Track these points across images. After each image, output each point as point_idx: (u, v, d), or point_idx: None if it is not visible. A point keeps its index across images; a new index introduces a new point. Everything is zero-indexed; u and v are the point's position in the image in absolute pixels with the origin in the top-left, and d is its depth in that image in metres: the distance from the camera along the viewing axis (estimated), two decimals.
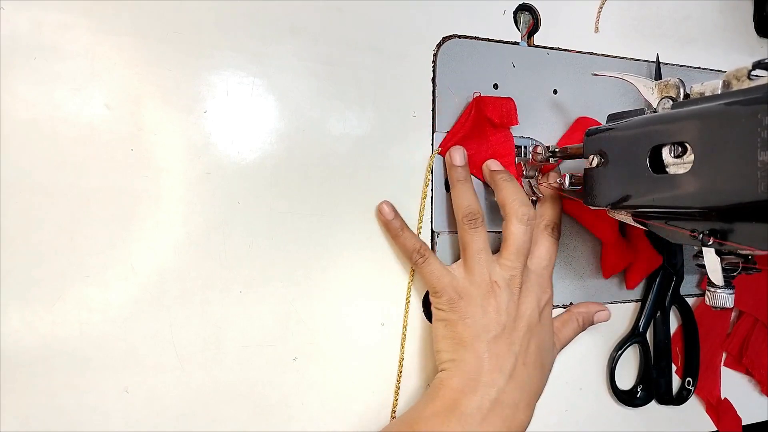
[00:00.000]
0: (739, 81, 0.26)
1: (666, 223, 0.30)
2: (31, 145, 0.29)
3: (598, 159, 0.32)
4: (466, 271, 0.35)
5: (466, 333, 0.34)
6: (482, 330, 0.34)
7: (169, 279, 0.32)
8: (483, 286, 0.34)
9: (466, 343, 0.34)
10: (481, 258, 0.35)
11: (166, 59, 0.32)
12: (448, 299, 0.34)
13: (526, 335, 0.34)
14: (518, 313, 0.35)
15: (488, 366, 0.33)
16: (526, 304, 0.35)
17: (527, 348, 0.34)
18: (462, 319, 0.34)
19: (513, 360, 0.33)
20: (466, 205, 0.35)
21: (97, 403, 0.31)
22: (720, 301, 0.30)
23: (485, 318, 0.34)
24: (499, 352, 0.33)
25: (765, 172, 0.22)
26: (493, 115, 0.37)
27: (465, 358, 0.33)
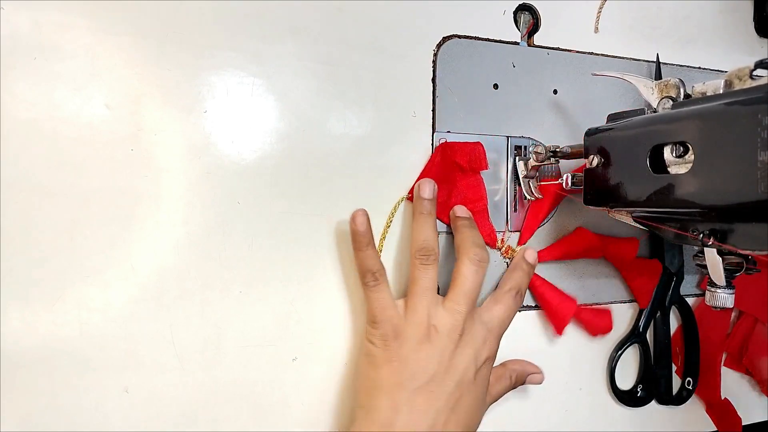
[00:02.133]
0: (741, 81, 0.26)
1: (666, 224, 0.30)
2: (31, 145, 0.29)
3: (598, 159, 0.32)
4: (408, 309, 0.33)
5: (388, 378, 0.31)
6: (407, 377, 0.31)
7: (169, 279, 0.32)
8: (420, 329, 0.32)
9: (384, 389, 0.31)
10: (426, 297, 0.33)
11: (166, 59, 0.32)
12: (382, 335, 0.32)
13: (455, 392, 0.31)
14: (451, 365, 0.31)
15: (403, 420, 0.30)
16: (462, 356, 0.32)
17: (454, 406, 0.31)
18: (388, 362, 0.31)
19: (433, 417, 0.30)
20: (422, 239, 0.34)
21: (97, 403, 0.31)
22: (720, 301, 0.30)
23: (413, 365, 0.31)
24: (420, 406, 0.30)
25: (765, 172, 0.22)
26: (462, 160, 0.37)
27: (379, 407, 0.31)
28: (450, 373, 0.31)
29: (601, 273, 0.44)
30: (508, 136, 0.40)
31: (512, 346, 0.41)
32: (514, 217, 0.40)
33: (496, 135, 0.40)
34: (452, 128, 0.39)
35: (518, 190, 0.40)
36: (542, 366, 0.42)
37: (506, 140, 0.40)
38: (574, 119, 0.42)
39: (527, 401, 0.42)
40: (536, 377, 0.39)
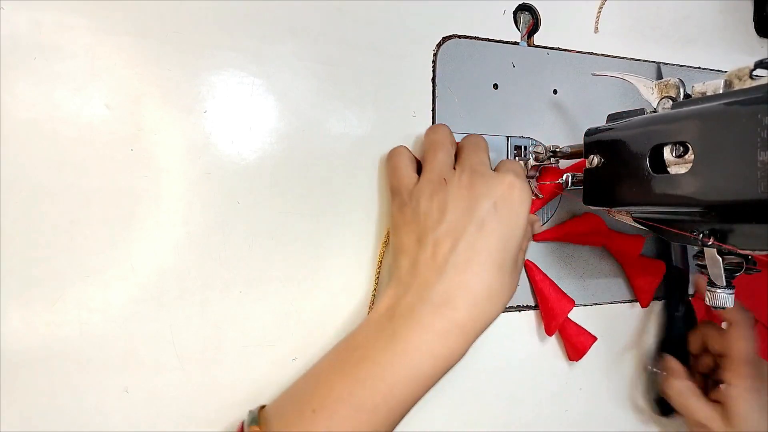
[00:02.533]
0: (741, 81, 0.26)
1: (666, 224, 0.30)
2: (31, 145, 0.29)
3: (598, 159, 0.32)
4: (423, 169, 0.33)
5: (407, 240, 0.32)
6: (422, 232, 0.31)
7: (169, 279, 0.32)
8: (431, 184, 0.32)
9: (404, 248, 0.32)
10: (439, 151, 0.33)
11: (166, 59, 0.32)
12: (399, 202, 0.33)
13: (474, 233, 0.30)
14: (468, 207, 0.30)
15: (422, 267, 0.30)
16: (477, 200, 0.30)
17: (473, 246, 0.29)
18: (405, 224, 0.32)
19: (452, 258, 0.29)
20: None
21: (97, 403, 0.31)
22: (720, 301, 0.30)
23: (425, 218, 0.31)
24: (437, 251, 0.30)
25: (765, 172, 0.22)
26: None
27: (400, 265, 0.32)
28: (465, 216, 0.30)
29: (601, 273, 0.44)
30: (508, 136, 0.40)
31: (511, 345, 0.41)
32: None
33: (496, 135, 0.40)
34: (452, 128, 0.38)
35: None
36: (542, 367, 0.42)
37: (506, 140, 0.40)
38: (574, 119, 0.42)
39: (527, 401, 0.42)
40: (537, 226, 0.40)
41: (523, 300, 0.41)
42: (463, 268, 0.29)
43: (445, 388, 0.39)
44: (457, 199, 0.31)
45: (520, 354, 0.41)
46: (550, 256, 0.42)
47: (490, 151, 0.39)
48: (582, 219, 0.41)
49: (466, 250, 0.29)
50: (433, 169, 0.33)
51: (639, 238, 0.42)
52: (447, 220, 0.30)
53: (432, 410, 0.39)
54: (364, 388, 0.27)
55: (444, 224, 0.30)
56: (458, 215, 0.30)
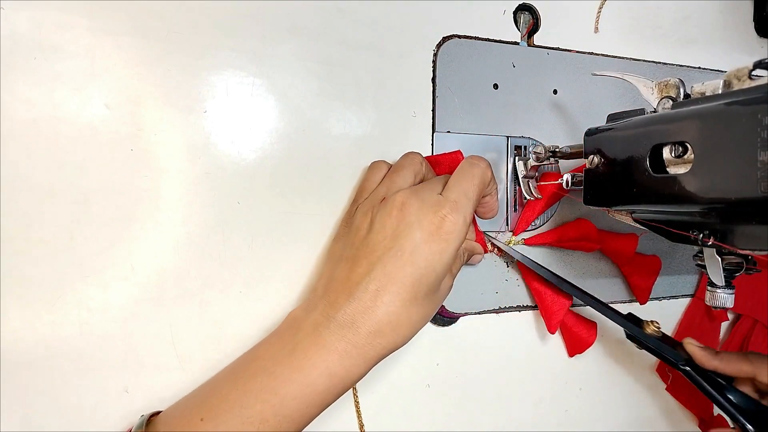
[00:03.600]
0: (740, 81, 0.26)
1: (666, 224, 0.30)
2: (31, 145, 0.29)
3: (598, 159, 0.32)
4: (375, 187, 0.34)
5: (333, 248, 0.33)
6: (346, 246, 0.31)
7: (169, 279, 0.32)
8: (374, 201, 0.32)
9: (329, 258, 0.32)
10: (396, 174, 0.33)
11: (166, 59, 0.32)
12: (347, 213, 0.34)
13: (392, 260, 0.29)
14: (392, 233, 0.29)
15: (336, 284, 0.30)
16: (406, 225, 0.29)
17: (387, 274, 0.29)
18: (339, 235, 0.33)
19: (365, 282, 0.29)
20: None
21: (97, 403, 0.31)
22: (720, 300, 0.30)
23: (354, 234, 0.31)
24: (352, 271, 0.29)
25: (765, 172, 0.22)
26: (443, 172, 0.36)
27: (321, 275, 0.32)
28: (391, 240, 0.29)
29: (601, 273, 0.44)
30: (508, 136, 0.40)
31: (511, 345, 0.41)
32: (514, 216, 0.40)
33: (496, 135, 0.40)
34: (452, 128, 0.39)
35: (518, 190, 0.40)
36: (542, 366, 0.42)
37: (506, 140, 0.40)
38: (574, 119, 0.42)
39: (527, 401, 0.42)
40: (477, 258, 0.38)
41: (522, 300, 0.41)
42: (373, 295, 0.28)
43: (446, 388, 0.39)
44: (385, 221, 0.30)
45: (520, 354, 0.41)
46: (549, 257, 0.42)
47: (490, 152, 0.40)
48: (573, 225, 0.41)
49: (379, 277, 0.28)
50: (380, 187, 0.33)
51: (633, 236, 0.42)
52: (370, 241, 0.30)
53: (432, 410, 0.39)
54: (256, 400, 0.27)
55: (366, 245, 0.30)
56: (381, 238, 0.29)
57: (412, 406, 0.38)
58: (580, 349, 0.41)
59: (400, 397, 0.38)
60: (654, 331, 0.37)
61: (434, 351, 0.39)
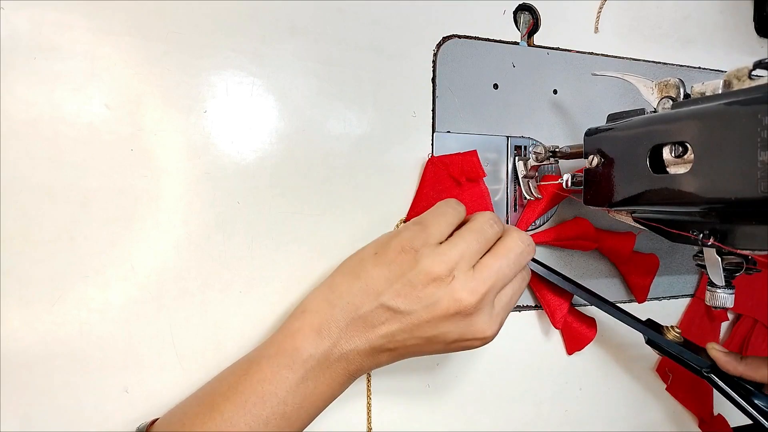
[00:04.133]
0: (740, 81, 0.26)
1: (666, 224, 0.30)
2: (31, 145, 0.29)
3: (598, 159, 0.32)
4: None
5: (372, 272, 0.31)
6: (381, 279, 0.30)
7: (169, 279, 0.32)
8: (401, 250, 0.30)
9: (362, 279, 0.31)
10: (440, 216, 0.32)
11: (166, 59, 0.32)
12: (390, 238, 0.32)
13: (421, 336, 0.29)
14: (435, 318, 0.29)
15: (358, 323, 0.30)
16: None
17: (403, 343, 0.30)
18: (376, 260, 0.31)
19: (386, 342, 0.29)
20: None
21: (97, 403, 0.31)
22: (720, 300, 0.30)
23: (392, 273, 0.30)
24: (376, 326, 0.29)
25: (765, 172, 0.22)
26: (455, 172, 0.36)
27: (351, 290, 0.31)
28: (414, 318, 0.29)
29: (601, 273, 0.44)
30: (508, 136, 0.40)
31: (510, 345, 0.41)
32: (514, 216, 0.40)
33: (496, 135, 0.40)
34: (452, 128, 0.39)
35: (518, 190, 0.40)
36: (542, 366, 0.42)
37: (506, 140, 0.40)
38: (574, 119, 0.42)
39: (527, 401, 0.42)
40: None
41: (522, 300, 0.41)
42: (389, 355, 0.30)
43: (446, 388, 0.39)
44: (433, 308, 0.29)
45: (520, 354, 0.41)
46: (549, 258, 0.42)
47: (490, 152, 0.40)
48: (570, 224, 0.41)
49: (401, 342, 0.30)
50: (447, 248, 0.30)
51: (630, 235, 0.42)
52: (410, 305, 0.29)
53: (432, 410, 0.39)
54: (267, 425, 0.28)
55: (407, 306, 0.29)
56: (424, 314, 0.29)
57: (412, 406, 0.38)
58: (579, 345, 0.41)
59: (400, 397, 0.38)
60: (675, 336, 0.36)
61: None
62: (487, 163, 0.40)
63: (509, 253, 0.30)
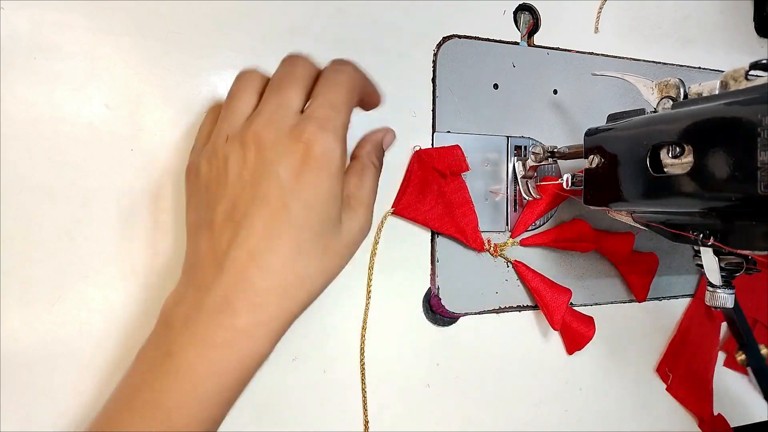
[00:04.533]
0: (737, 82, 0.26)
1: (666, 224, 0.30)
2: (31, 145, 0.29)
3: (598, 159, 0.32)
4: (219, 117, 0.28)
5: (190, 215, 0.27)
6: (202, 208, 0.26)
7: (169, 279, 0.32)
8: (219, 140, 0.26)
9: (189, 229, 0.27)
10: (243, 92, 0.28)
11: (166, 59, 0.32)
12: (193, 157, 0.29)
13: (257, 215, 0.24)
14: (250, 180, 0.24)
15: (202, 260, 0.25)
16: (265, 167, 0.24)
17: (256, 233, 0.24)
18: (191, 193, 0.27)
19: (232, 251, 0.24)
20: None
21: (97, 404, 0.31)
22: (720, 300, 0.30)
23: (206, 191, 0.26)
24: (216, 240, 0.24)
25: (765, 172, 0.22)
26: (441, 166, 0.36)
27: (187, 252, 0.27)
28: (251, 189, 0.25)
29: (600, 273, 0.44)
30: (508, 136, 0.40)
31: (511, 345, 0.41)
32: (514, 217, 0.40)
33: (496, 135, 0.40)
34: (452, 128, 0.39)
35: (518, 191, 0.40)
36: (542, 366, 0.42)
37: (506, 140, 0.40)
38: (574, 119, 0.42)
39: (527, 401, 0.42)
40: (389, 136, 0.33)
41: (522, 300, 0.41)
42: (246, 263, 0.23)
43: (446, 388, 0.39)
44: (239, 168, 0.24)
45: (520, 354, 0.41)
46: (549, 258, 0.42)
47: (490, 152, 0.40)
48: (568, 225, 0.41)
49: (249, 237, 0.24)
50: (225, 118, 0.26)
51: (629, 235, 0.42)
52: (227, 196, 0.24)
53: (432, 410, 0.39)
54: (142, 418, 0.23)
55: (221, 203, 0.24)
56: (239, 190, 0.24)
57: (412, 406, 0.38)
58: (579, 345, 0.41)
59: (400, 397, 0.38)
60: None
61: (434, 351, 0.39)
62: (487, 164, 0.40)
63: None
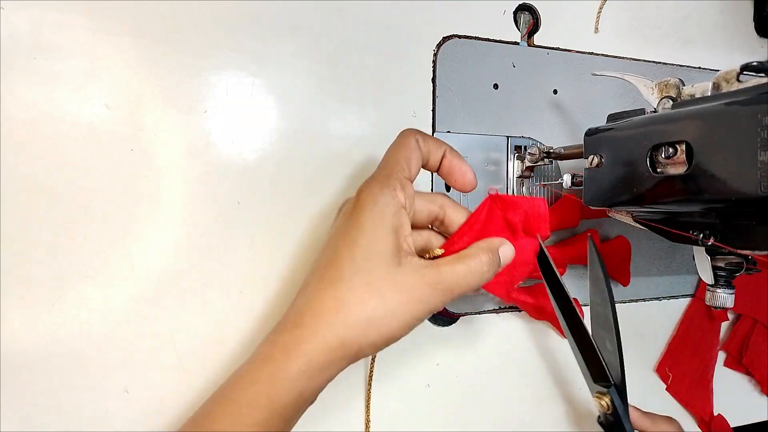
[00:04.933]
0: (729, 83, 0.26)
1: (666, 224, 0.30)
2: (31, 145, 0.29)
3: (598, 159, 0.32)
4: None
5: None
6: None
7: (169, 279, 0.32)
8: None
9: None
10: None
11: (166, 59, 0.32)
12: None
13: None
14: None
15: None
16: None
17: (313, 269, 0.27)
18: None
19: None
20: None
21: (97, 403, 0.31)
22: (720, 300, 0.30)
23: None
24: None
25: (765, 172, 0.22)
26: (515, 219, 0.30)
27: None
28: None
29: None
30: (508, 136, 0.40)
31: (511, 345, 0.41)
32: None
33: (496, 135, 0.40)
34: (452, 128, 0.39)
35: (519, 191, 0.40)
36: (542, 366, 0.42)
37: (506, 140, 0.40)
38: (574, 119, 0.42)
39: (527, 401, 0.42)
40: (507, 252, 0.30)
41: None
42: (330, 285, 0.26)
43: (446, 388, 0.39)
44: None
45: (520, 354, 0.41)
46: None
47: (492, 152, 0.40)
48: (574, 245, 0.40)
49: (313, 270, 0.27)
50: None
51: (587, 234, 0.41)
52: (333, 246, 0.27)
53: (432, 410, 0.39)
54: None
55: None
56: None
57: (412, 406, 0.38)
58: (543, 316, 0.40)
59: (400, 397, 0.38)
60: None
61: (434, 351, 0.39)
62: (487, 163, 0.40)
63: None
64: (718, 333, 0.48)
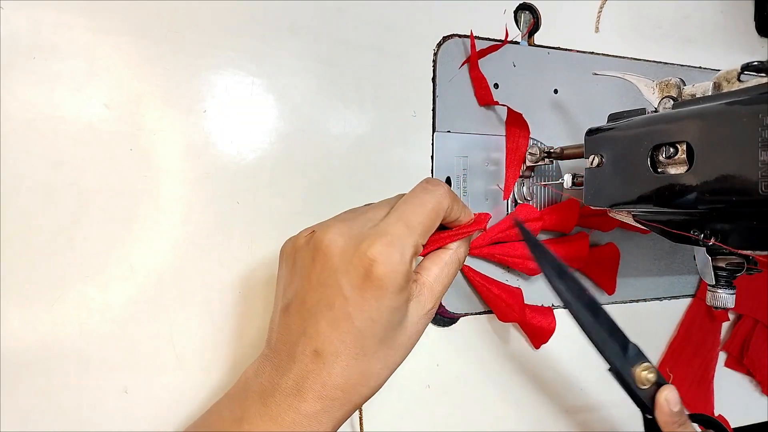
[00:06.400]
0: (730, 83, 0.26)
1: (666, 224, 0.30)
2: (31, 145, 0.29)
3: (598, 159, 0.32)
4: None
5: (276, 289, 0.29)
6: (279, 291, 0.28)
7: (168, 279, 0.32)
8: (295, 239, 0.29)
9: (274, 300, 0.29)
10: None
11: (166, 59, 0.32)
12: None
13: (322, 315, 0.25)
14: (315, 282, 0.26)
15: (277, 339, 0.27)
16: (330, 273, 0.25)
17: (321, 333, 0.25)
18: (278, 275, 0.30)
19: (301, 343, 0.25)
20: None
21: (97, 403, 0.31)
22: (721, 301, 0.30)
23: (281, 278, 0.28)
24: (288, 327, 0.26)
25: (765, 172, 0.22)
26: (554, 222, 0.35)
27: (270, 326, 0.29)
28: (318, 291, 0.26)
29: None
30: None
31: (511, 345, 0.41)
32: None
33: (497, 135, 0.40)
34: (452, 128, 0.39)
35: None
36: (542, 366, 0.42)
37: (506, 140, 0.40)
38: (575, 119, 0.42)
39: (527, 401, 0.42)
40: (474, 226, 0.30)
41: None
42: (313, 358, 0.25)
43: (446, 388, 0.39)
44: (307, 269, 0.26)
45: (520, 354, 0.41)
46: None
47: (492, 152, 0.40)
48: (521, 244, 0.39)
49: (314, 336, 0.25)
50: (329, 220, 0.28)
51: (582, 236, 0.41)
52: (297, 290, 0.26)
53: (432, 410, 0.39)
54: None
55: (294, 293, 0.26)
56: (308, 287, 0.26)
57: (412, 407, 0.38)
58: (543, 338, 0.40)
59: (400, 397, 0.37)
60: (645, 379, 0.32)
61: (434, 351, 0.38)
62: (487, 163, 0.40)
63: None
64: (718, 333, 0.48)
